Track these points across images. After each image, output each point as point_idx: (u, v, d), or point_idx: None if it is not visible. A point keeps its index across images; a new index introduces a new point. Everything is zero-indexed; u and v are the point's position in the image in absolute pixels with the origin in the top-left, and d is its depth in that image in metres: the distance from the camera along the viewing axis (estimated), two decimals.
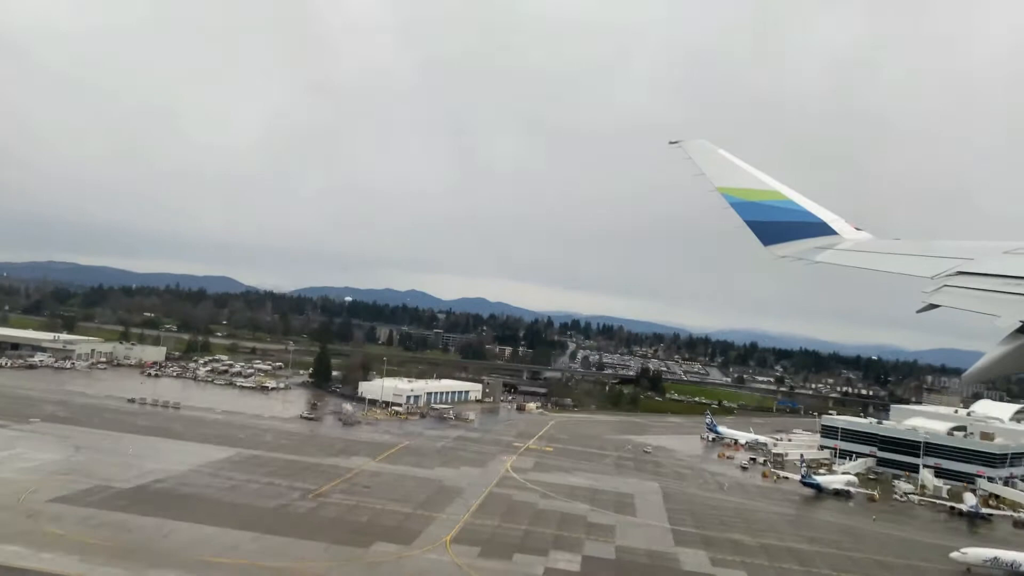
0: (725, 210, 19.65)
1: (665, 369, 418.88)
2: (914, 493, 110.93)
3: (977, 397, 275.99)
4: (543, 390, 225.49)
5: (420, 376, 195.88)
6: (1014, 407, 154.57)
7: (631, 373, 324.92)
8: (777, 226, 18.94)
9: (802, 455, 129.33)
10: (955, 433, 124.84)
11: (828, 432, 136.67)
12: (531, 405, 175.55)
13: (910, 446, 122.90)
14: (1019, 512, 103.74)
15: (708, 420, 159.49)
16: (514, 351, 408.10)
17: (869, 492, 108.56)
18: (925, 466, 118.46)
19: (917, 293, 12.86)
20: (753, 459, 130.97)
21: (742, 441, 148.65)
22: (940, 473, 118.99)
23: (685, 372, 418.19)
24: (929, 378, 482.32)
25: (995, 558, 73.60)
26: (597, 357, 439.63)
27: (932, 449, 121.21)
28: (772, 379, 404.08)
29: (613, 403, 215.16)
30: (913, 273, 14.04)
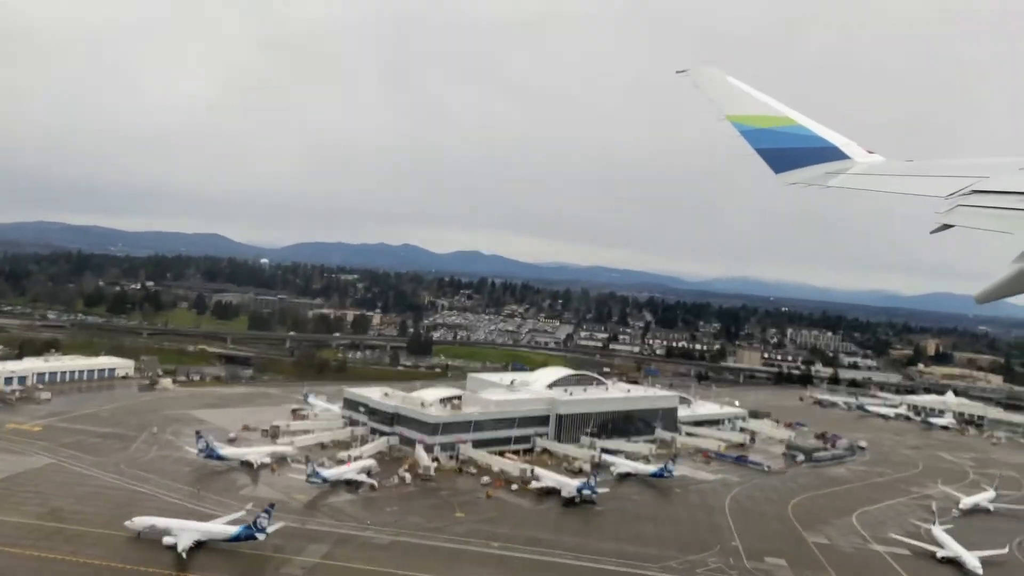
0: (735, 139, 19.37)
1: (512, 330, 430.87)
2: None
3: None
4: (250, 356, 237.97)
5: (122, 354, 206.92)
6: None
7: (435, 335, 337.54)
8: (788, 152, 18.83)
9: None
10: (425, 403, 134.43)
11: (348, 404, 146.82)
12: (166, 381, 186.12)
13: (387, 416, 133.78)
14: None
15: (304, 391, 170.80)
16: (383, 316, 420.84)
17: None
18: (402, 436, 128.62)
19: (929, 218, 12.77)
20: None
21: (316, 411, 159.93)
22: (404, 440, 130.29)
23: (532, 331, 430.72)
24: (775, 331, 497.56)
25: (152, 525, 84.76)
26: (455, 320, 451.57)
27: (400, 419, 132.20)
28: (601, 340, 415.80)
29: (318, 371, 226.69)
30: (927, 194, 13.96)
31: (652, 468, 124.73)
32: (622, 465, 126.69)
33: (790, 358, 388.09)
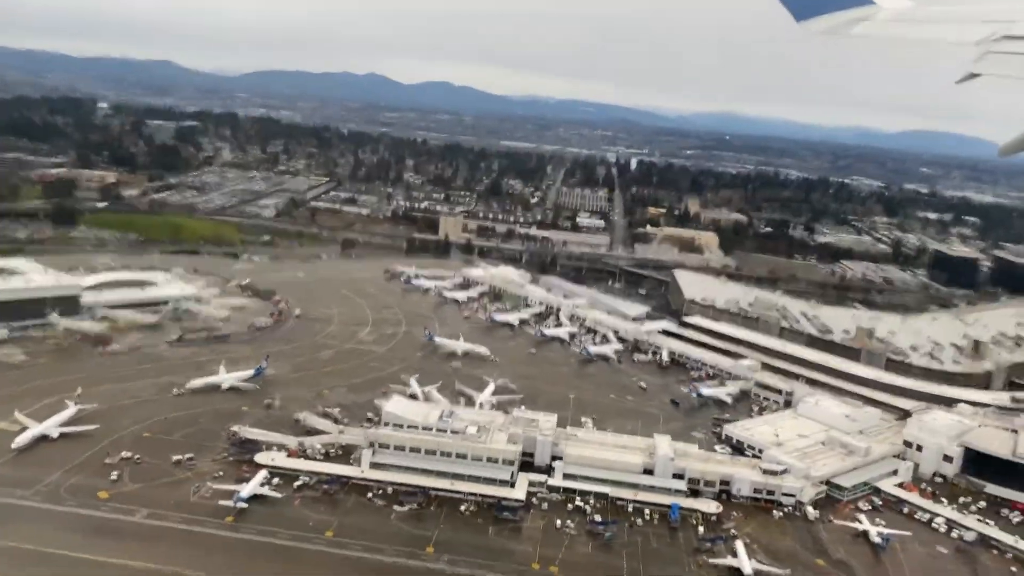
0: None
1: (258, 190, 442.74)
2: None
3: None
4: None
5: None
6: None
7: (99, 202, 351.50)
8: None
9: None
10: None
11: None
12: None
13: None
14: None
15: None
16: (122, 174, 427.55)
17: None
18: None
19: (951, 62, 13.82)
20: None
21: None
22: None
23: (279, 191, 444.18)
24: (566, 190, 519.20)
25: None
26: (208, 178, 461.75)
27: None
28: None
29: None
30: (956, 40, 13.38)
31: None
32: None
33: (532, 221, 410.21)
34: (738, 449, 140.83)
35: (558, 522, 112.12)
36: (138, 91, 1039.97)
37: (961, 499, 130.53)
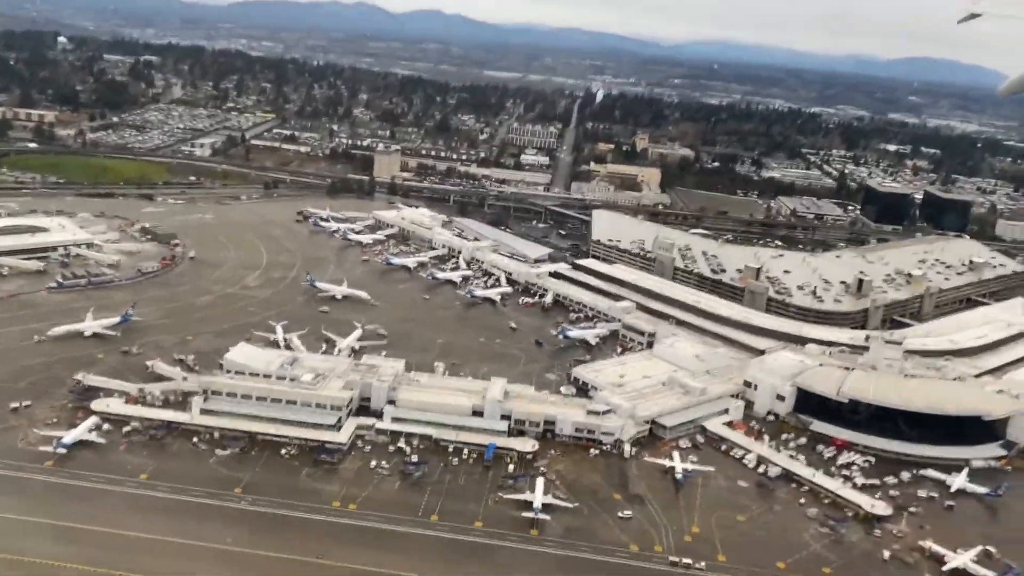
0: None
1: (201, 128, 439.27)
2: None
3: None
4: None
5: None
6: None
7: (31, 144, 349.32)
8: None
9: None
10: None
11: None
12: None
13: None
14: None
15: None
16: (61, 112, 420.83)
17: None
18: None
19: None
20: None
21: None
22: None
23: (220, 130, 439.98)
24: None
25: None
26: (152, 115, 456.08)
27: None
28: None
29: None
30: None
31: None
32: None
33: (475, 159, 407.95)
34: (583, 390, 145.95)
35: (373, 463, 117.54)
36: (119, 22, 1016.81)
37: (784, 436, 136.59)
